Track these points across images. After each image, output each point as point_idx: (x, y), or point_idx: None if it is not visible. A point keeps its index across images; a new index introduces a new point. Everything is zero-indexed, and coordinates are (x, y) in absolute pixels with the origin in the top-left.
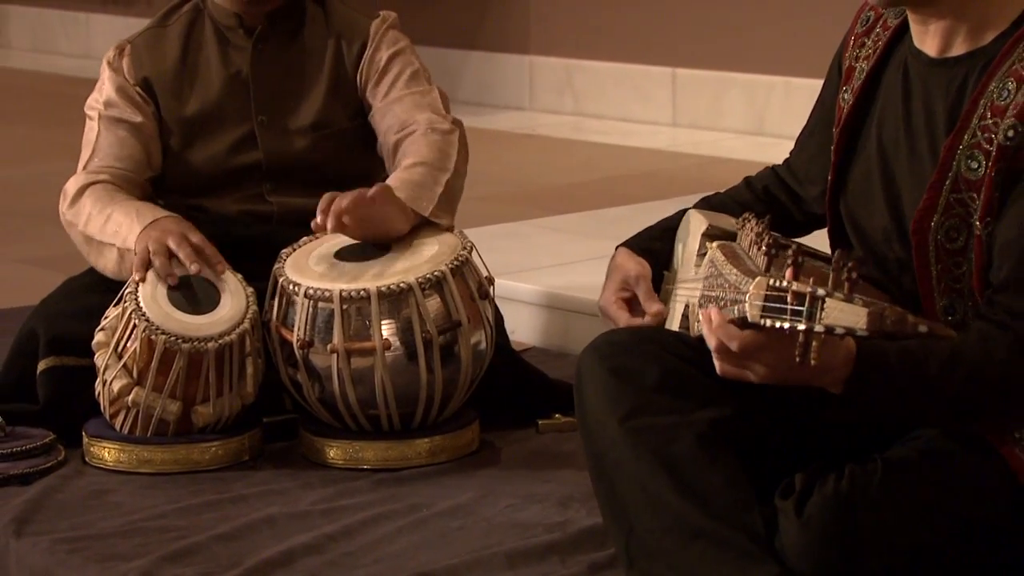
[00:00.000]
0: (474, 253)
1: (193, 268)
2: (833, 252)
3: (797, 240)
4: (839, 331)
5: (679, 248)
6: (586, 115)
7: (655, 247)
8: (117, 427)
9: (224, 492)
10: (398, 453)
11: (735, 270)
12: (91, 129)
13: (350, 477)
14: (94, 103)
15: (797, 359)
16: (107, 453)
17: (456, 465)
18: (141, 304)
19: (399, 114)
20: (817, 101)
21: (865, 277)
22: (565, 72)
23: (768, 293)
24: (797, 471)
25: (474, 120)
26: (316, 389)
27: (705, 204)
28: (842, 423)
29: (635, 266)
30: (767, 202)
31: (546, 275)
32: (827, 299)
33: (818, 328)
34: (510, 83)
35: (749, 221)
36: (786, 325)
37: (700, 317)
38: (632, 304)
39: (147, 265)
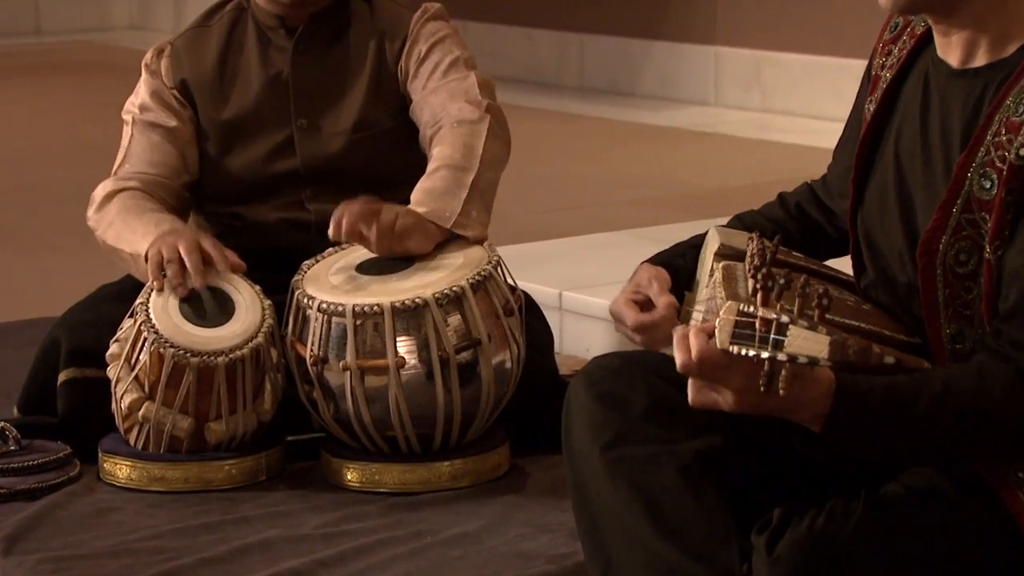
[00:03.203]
0: (500, 268)
1: (197, 282)
2: (855, 275)
3: (820, 261)
4: (802, 360)
5: (700, 268)
6: (774, 112)
7: (677, 263)
8: (131, 442)
9: (229, 513)
10: (417, 477)
11: (723, 293)
12: (125, 134)
13: (363, 500)
14: (130, 107)
15: (762, 388)
16: (119, 470)
17: (476, 491)
18: (151, 316)
19: (433, 106)
20: (851, 111)
21: (875, 302)
22: (753, 64)
23: (738, 319)
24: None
25: (653, 116)
26: (331, 408)
27: (737, 221)
28: (838, 456)
29: (651, 271)
30: (799, 219)
31: None
32: (791, 326)
33: (781, 356)
34: (694, 76)
35: (753, 241)
36: (752, 352)
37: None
38: (644, 307)
39: (160, 269)
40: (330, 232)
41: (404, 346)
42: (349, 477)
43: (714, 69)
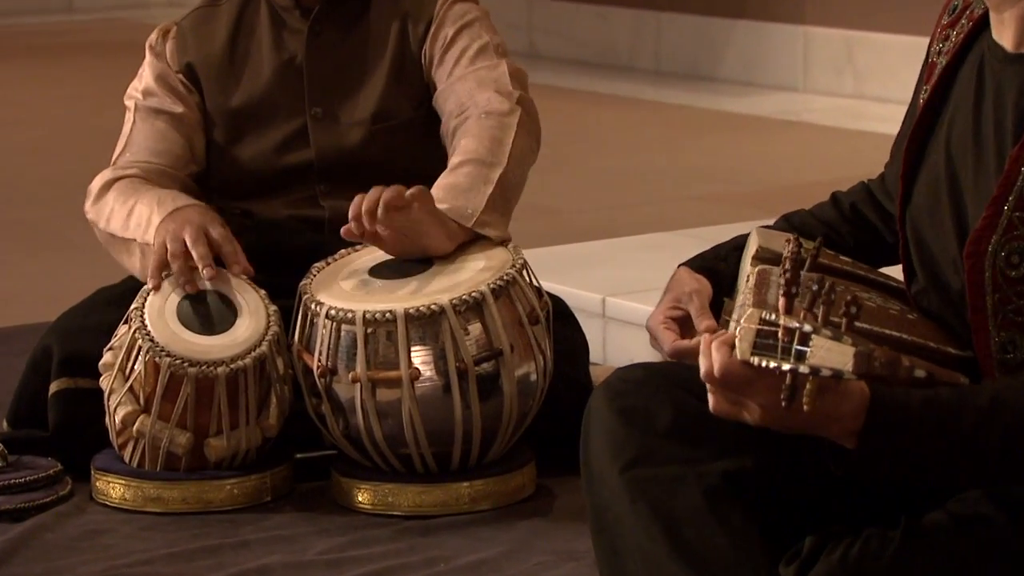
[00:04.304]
0: (525, 272)
1: (206, 273)
2: (906, 280)
3: (874, 268)
4: (825, 372)
5: (740, 274)
6: (868, 98)
7: (719, 268)
8: (126, 459)
9: (229, 536)
10: (434, 499)
11: (751, 300)
12: (127, 120)
13: (375, 524)
14: (132, 91)
15: (783, 403)
16: (112, 489)
17: (498, 514)
18: (146, 322)
19: (459, 95)
20: (910, 101)
21: (926, 310)
22: (845, 46)
23: (760, 327)
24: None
25: (735, 103)
26: (340, 423)
27: (784, 221)
28: (874, 476)
29: (691, 282)
30: (854, 221)
31: None
32: (814, 336)
33: (803, 369)
34: (780, 59)
35: (790, 243)
36: (773, 364)
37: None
38: (684, 324)
39: (163, 267)
40: (344, 230)
41: (419, 356)
42: (360, 499)
43: (803, 51)
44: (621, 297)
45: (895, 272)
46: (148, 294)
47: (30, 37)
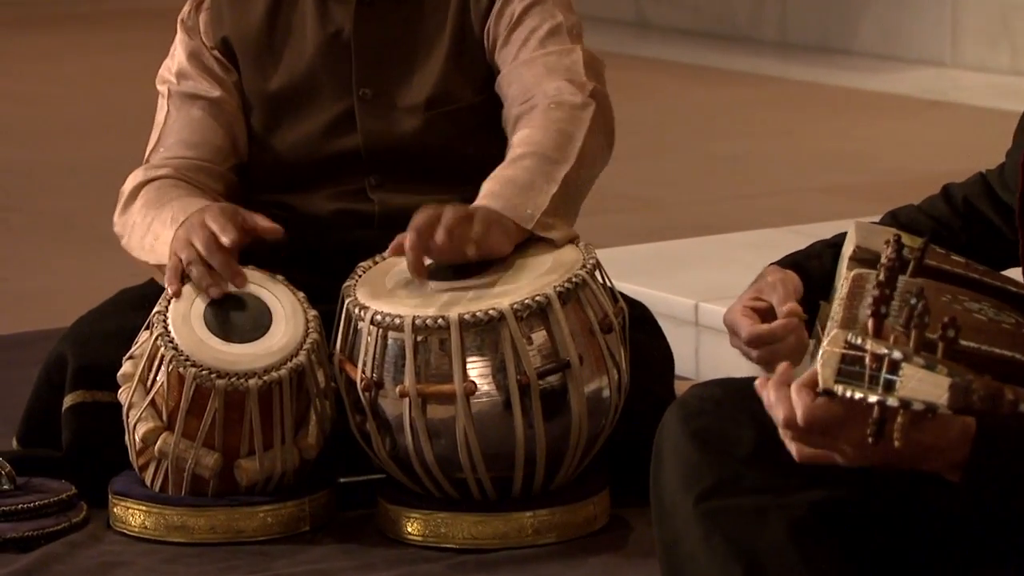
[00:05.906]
0: (598, 273)
1: (212, 292)
2: None
3: (993, 269)
4: (917, 406)
5: (838, 274)
6: None
7: (810, 265)
8: (147, 482)
9: (261, 570)
10: (492, 530)
11: (840, 315)
12: (160, 109)
13: (425, 558)
14: (165, 74)
15: (870, 438)
16: (132, 516)
17: (566, 548)
18: (170, 327)
19: (525, 81)
20: None
21: None
22: (1000, 15)
23: (845, 352)
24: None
25: (871, 80)
26: (387, 443)
27: (891, 218)
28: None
29: (777, 274)
30: (967, 217)
31: None
32: (904, 364)
33: (891, 401)
34: (925, 29)
35: (890, 245)
36: (859, 395)
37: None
38: (765, 316)
39: (181, 274)
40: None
41: (475, 368)
42: (410, 529)
43: (951, 20)
44: (717, 302)
45: (1018, 275)
46: (171, 298)
47: (73, 4)
